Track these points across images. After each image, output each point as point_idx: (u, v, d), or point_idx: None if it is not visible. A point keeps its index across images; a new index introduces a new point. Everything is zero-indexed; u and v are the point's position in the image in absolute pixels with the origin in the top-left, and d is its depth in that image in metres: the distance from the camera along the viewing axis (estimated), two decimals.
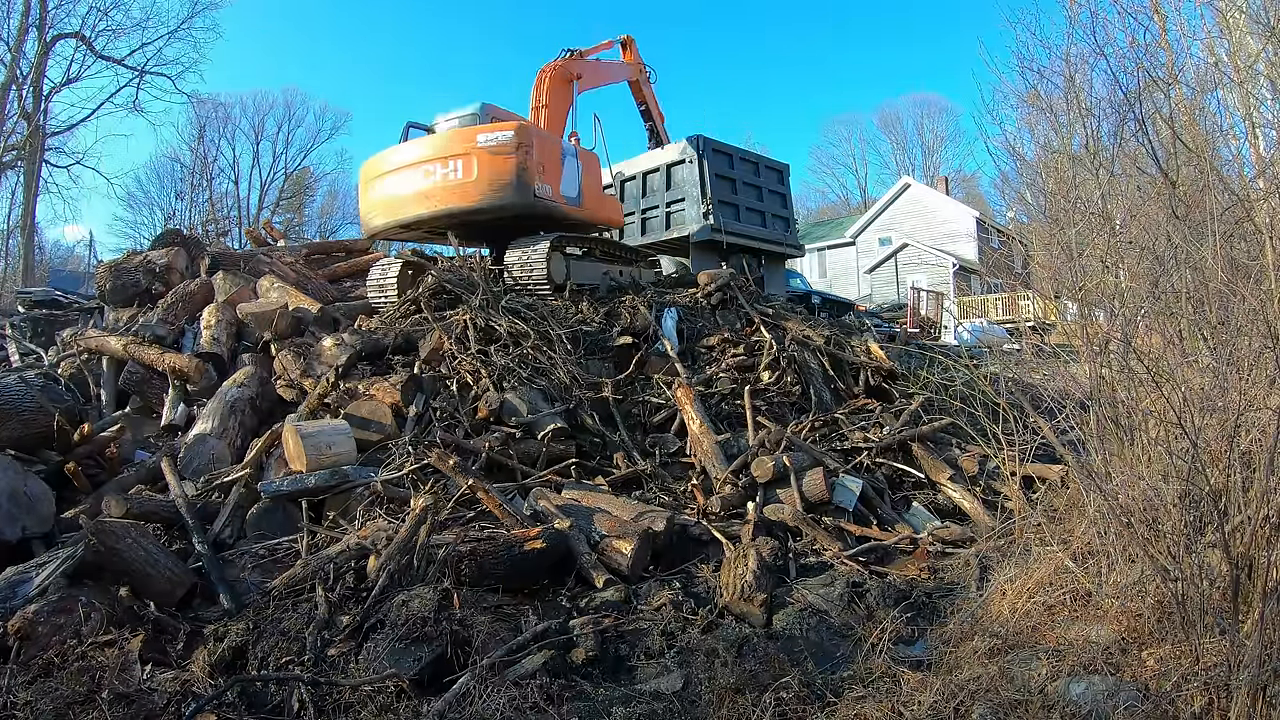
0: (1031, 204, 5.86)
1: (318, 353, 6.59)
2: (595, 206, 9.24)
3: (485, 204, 8.08)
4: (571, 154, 8.83)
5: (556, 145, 8.70)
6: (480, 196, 8.05)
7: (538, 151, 8.15)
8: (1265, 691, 2.36)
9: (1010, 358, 5.95)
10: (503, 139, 8.03)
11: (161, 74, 29.61)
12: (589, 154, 9.37)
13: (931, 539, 4.82)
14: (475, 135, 8.16)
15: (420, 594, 3.43)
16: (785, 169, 13.69)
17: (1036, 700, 2.67)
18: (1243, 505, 2.70)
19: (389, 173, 8.69)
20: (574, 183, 8.67)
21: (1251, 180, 4.38)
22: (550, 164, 8.36)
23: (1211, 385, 2.99)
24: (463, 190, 8.10)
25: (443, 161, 8.22)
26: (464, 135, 8.29)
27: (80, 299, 11.82)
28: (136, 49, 28.94)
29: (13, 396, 5.17)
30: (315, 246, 13.62)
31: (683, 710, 2.93)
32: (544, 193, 8.15)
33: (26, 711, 2.78)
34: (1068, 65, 4.59)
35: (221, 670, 3.14)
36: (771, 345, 7.24)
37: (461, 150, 8.15)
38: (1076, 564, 3.32)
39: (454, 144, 8.29)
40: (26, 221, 26.87)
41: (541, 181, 8.11)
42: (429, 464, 4.80)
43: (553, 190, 8.29)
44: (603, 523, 4.39)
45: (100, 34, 28.04)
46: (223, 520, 4.61)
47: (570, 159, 8.75)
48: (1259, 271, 3.15)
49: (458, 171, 8.12)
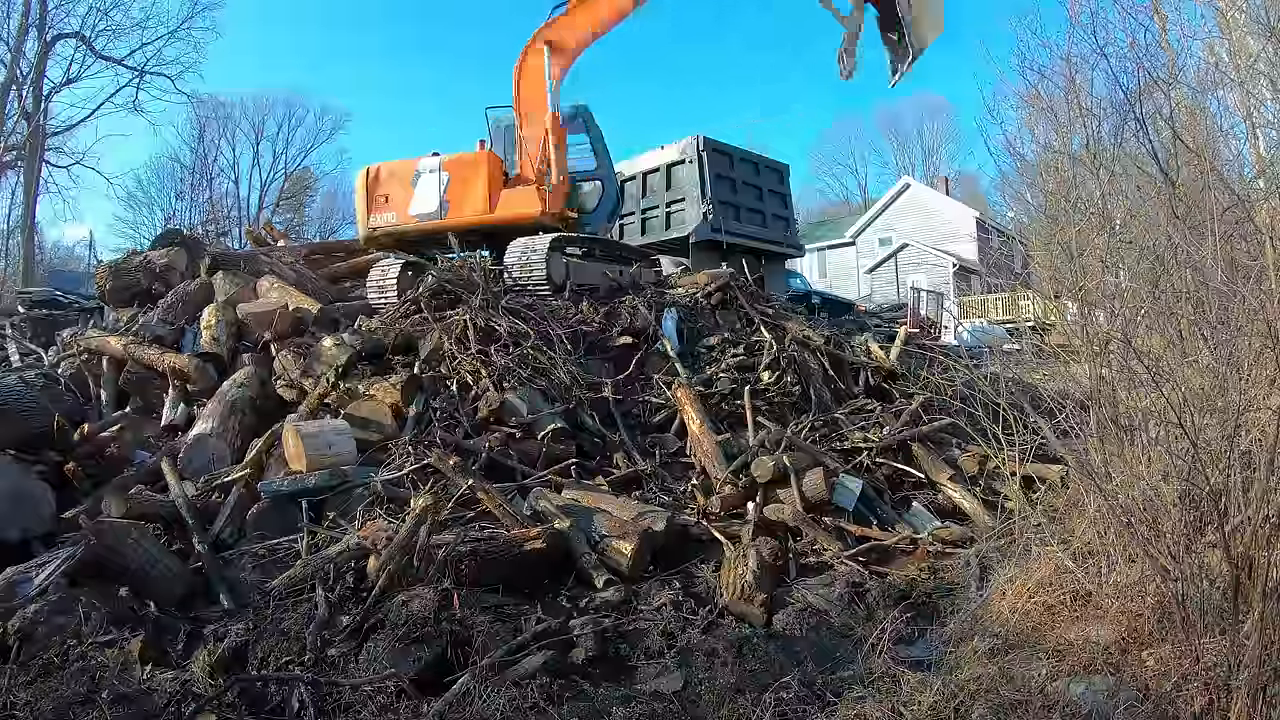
0: (1031, 204, 5.86)
1: (318, 353, 6.58)
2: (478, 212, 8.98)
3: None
4: (430, 170, 8.99)
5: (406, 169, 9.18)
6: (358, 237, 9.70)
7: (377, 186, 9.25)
8: (1265, 691, 2.36)
9: (1010, 358, 5.94)
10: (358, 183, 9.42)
11: (161, 74, 29.59)
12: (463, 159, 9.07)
13: (931, 539, 4.82)
14: None
15: (420, 594, 3.43)
16: (785, 169, 13.72)
17: (1036, 700, 2.67)
18: (1243, 505, 2.70)
19: None
20: (433, 197, 8.90)
21: (1251, 180, 4.38)
22: (396, 191, 9.11)
23: (1211, 385, 2.99)
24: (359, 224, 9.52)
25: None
26: None
27: (80, 299, 11.84)
28: (136, 49, 28.91)
29: (13, 396, 5.17)
30: (315, 246, 13.63)
31: (683, 710, 2.93)
32: (380, 221, 9.18)
33: (26, 711, 2.78)
34: (1068, 65, 4.59)
35: (221, 670, 3.13)
36: (771, 345, 7.23)
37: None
38: (1076, 564, 3.32)
39: None
40: (26, 221, 26.89)
41: (379, 212, 9.18)
42: (429, 464, 4.80)
43: (397, 216, 9.09)
44: (603, 523, 4.38)
45: (100, 34, 28.03)
46: (223, 520, 4.61)
47: (427, 175, 8.98)
48: (1259, 271, 3.15)
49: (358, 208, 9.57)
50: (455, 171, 8.93)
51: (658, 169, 12.30)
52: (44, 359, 8.36)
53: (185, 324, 7.91)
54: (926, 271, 26.90)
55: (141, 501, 4.58)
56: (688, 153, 11.87)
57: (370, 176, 9.28)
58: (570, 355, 6.68)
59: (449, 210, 8.87)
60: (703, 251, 11.57)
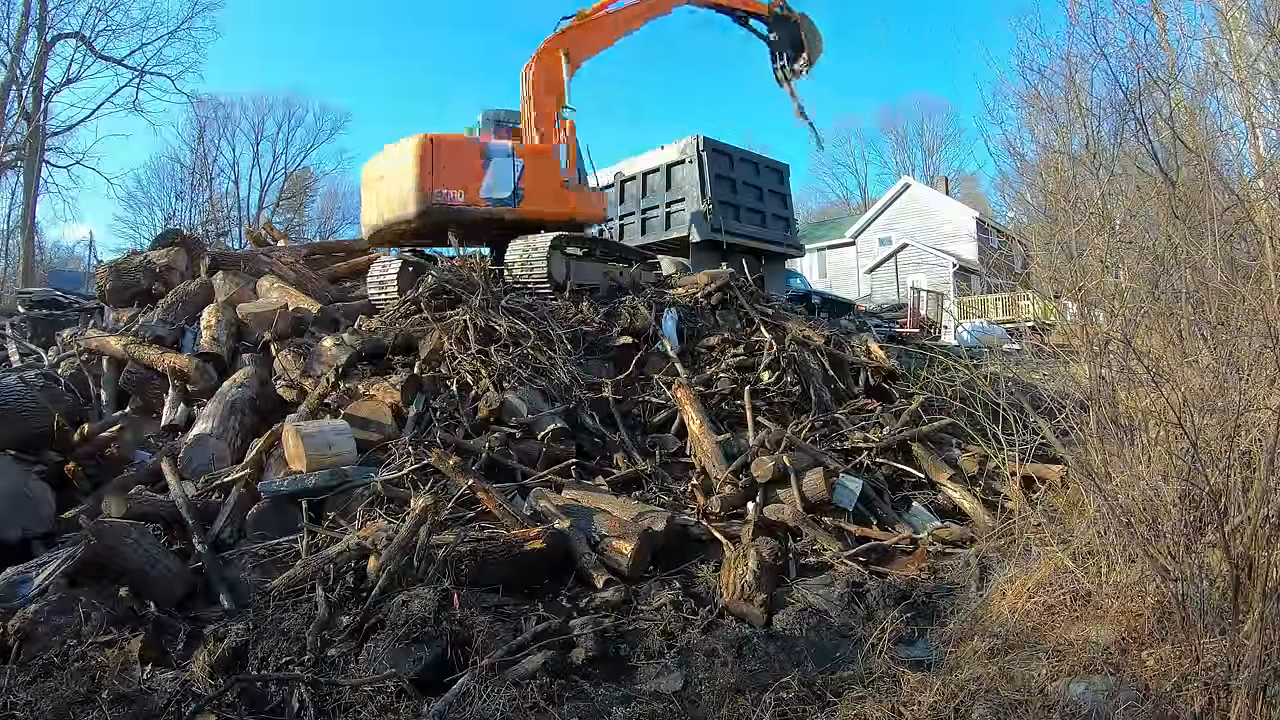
0: (1031, 204, 5.85)
1: (318, 353, 6.59)
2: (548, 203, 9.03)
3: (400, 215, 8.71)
4: (501, 154, 8.83)
5: (474, 148, 8.88)
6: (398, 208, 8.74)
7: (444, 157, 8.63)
8: (1265, 691, 2.36)
9: (1010, 358, 5.94)
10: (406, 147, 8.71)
11: (161, 74, 29.54)
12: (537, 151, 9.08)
13: (931, 539, 4.82)
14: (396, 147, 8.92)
15: (420, 594, 3.43)
16: (785, 169, 13.71)
17: (1037, 700, 2.67)
18: (1243, 505, 2.70)
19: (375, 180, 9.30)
20: (506, 182, 8.73)
21: (1251, 180, 4.38)
22: (460, 167, 8.65)
23: (1211, 385, 2.99)
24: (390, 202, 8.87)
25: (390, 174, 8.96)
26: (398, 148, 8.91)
27: (80, 299, 11.83)
28: (136, 49, 28.87)
29: (13, 396, 5.17)
30: (315, 246, 13.63)
31: (683, 710, 2.93)
32: (443, 197, 8.54)
33: (26, 711, 2.78)
34: (1068, 65, 4.59)
35: (221, 670, 3.14)
36: (771, 345, 7.23)
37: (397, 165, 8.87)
38: (1076, 564, 3.32)
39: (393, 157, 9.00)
40: (26, 221, 26.86)
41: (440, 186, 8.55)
42: (429, 464, 4.80)
43: (465, 195, 8.59)
44: (603, 523, 4.39)
45: (100, 34, 28.00)
46: (223, 520, 4.61)
47: (500, 159, 8.79)
48: (1259, 271, 3.15)
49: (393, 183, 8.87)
50: (530, 161, 8.94)
51: (658, 169, 12.30)
52: (44, 359, 8.36)
53: (185, 324, 7.91)
54: (926, 271, 26.88)
55: (141, 501, 4.58)
56: (688, 153, 11.87)
57: (433, 146, 8.70)
58: (570, 355, 6.69)
59: (523, 199, 8.80)
60: (703, 251, 11.56)
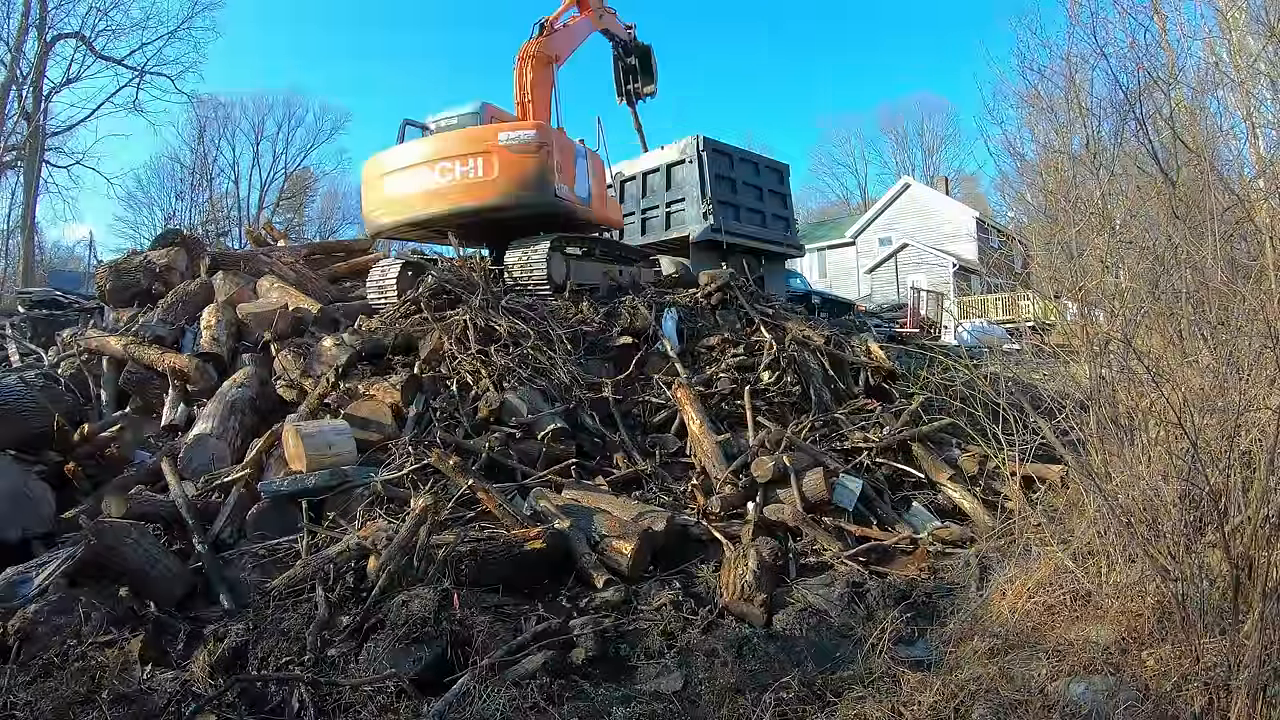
0: (1031, 204, 5.86)
1: (318, 353, 6.58)
2: (601, 207, 9.24)
3: (505, 202, 8.07)
4: (582, 154, 8.81)
5: (571, 146, 8.72)
6: (500, 195, 8.04)
7: (558, 151, 8.19)
8: (1265, 691, 2.36)
9: (1010, 358, 5.94)
10: (525, 138, 8.02)
11: (161, 74, 29.63)
12: (594, 154, 9.35)
13: (931, 539, 4.82)
14: (496, 133, 8.14)
15: (420, 594, 3.43)
16: (785, 169, 13.70)
17: (1037, 700, 2.67)
18: (1243, 505, 2.70)
19: (396, 171, 8.62)
20: (585, 183, 8.68)
21: (1252, 180, 4.38)
22: (567, 164, 8.38)
23: (1211, 385, 2.99)
24: (481, 188, 8.08)
25: (461, 159, 8.16)
26: (482, 133, 8.29)
27: (80, 299, 11.82)
28: (136, 49, 28.96)
29: (13, 396, 5.17)
30: (315, 246, 13.60)
31: (683, 710, 2.93)
32: (564, 193, 8.17)
33: (26, 711, 2.78)
34: (1068, 65, 4.59)
35: (221, 670, 3.14)
36: (771, 345, 7.24)
37: (480, 149, 8.12)
38: (1076, 564, 3.32)
39: (472, 142, 8.25)
40: (26, 221, 26.87)
41: (560, 181, 8.13)
42: (429, 464, 4.79)
43: (569, 190, 8.30)
44: (603, 523, 4.39)
45: (100, 34, 28.07)
46: (223, 520, 4.61)
47: (581, 159, 8.73)
48: (1259, 271, 3.15)
49: (477, 170, 8.09)
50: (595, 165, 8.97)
51: (658, 169, 12.29)
52: (44, 359, 8.35)
53: (185, 324, 7.91)
54: (926, 271, 26.90)
55: (141, 501, 4.58)
56: (688, 153, 11.86)
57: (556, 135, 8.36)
58: (570, 355, 6.68)
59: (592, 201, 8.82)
60: (703, 251, 11.56)
